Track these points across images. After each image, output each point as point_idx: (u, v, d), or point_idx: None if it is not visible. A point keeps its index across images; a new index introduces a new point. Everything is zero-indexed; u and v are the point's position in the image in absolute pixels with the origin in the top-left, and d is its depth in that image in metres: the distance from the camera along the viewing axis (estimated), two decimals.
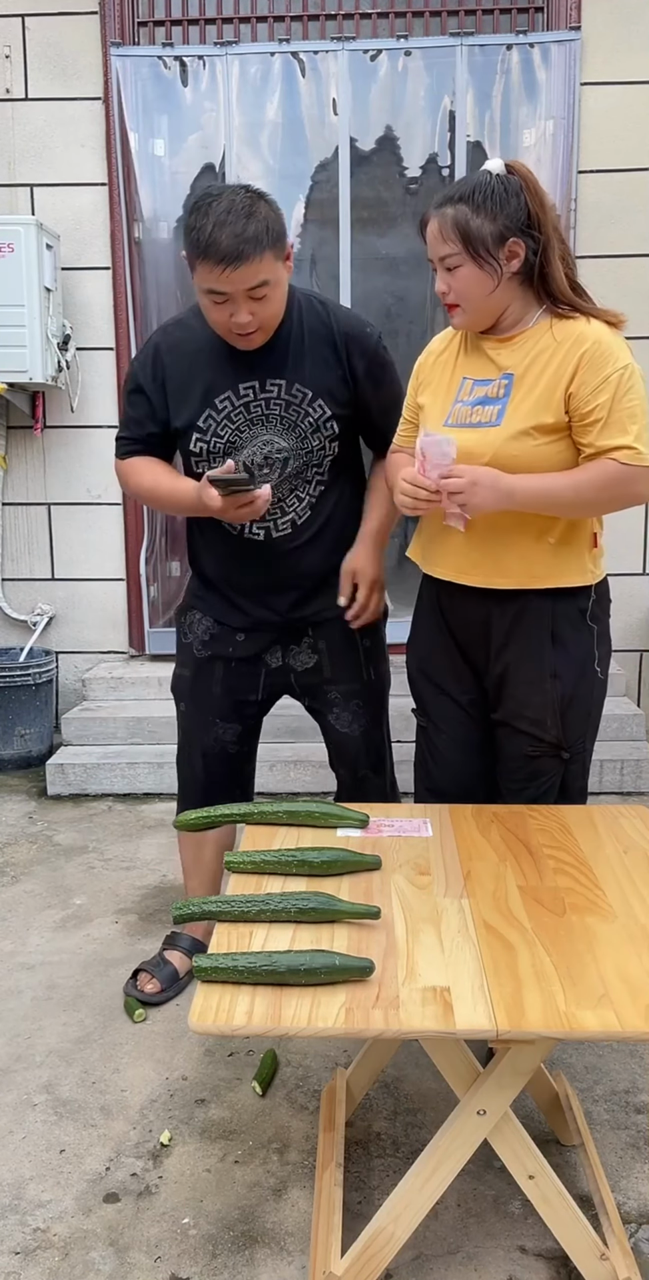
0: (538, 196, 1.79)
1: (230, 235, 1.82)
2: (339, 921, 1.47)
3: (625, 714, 3.72)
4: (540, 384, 1.79)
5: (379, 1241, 1.44)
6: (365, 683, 2.26)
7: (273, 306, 1.94)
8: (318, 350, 2.05)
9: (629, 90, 3.84)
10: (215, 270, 1.85)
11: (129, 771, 3.68)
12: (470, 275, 1.78)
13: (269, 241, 1.86)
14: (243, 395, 2.04)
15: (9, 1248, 1.65)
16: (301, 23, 3.97)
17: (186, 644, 2.30)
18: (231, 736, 2.30)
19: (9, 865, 3.11)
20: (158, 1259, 1.63)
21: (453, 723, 2.04)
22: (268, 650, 2.24)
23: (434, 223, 1.79)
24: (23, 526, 4.22)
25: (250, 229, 1.83)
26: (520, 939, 1.42)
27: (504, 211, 1.76)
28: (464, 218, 1.76)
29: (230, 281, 1.85)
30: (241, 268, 1.83)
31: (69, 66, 3.94)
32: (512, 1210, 1.71)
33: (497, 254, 1.76)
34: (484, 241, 1.75)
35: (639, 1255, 1.61)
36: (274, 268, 1.89)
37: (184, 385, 2.07)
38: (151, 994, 2.33)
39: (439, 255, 1.80)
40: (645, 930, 1.45)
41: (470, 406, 1.86)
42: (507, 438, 1.79)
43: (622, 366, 1.76)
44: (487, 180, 1.77)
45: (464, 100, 3.84)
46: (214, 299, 1.90)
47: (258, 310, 1.91)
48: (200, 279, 1.89)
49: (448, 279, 1.81)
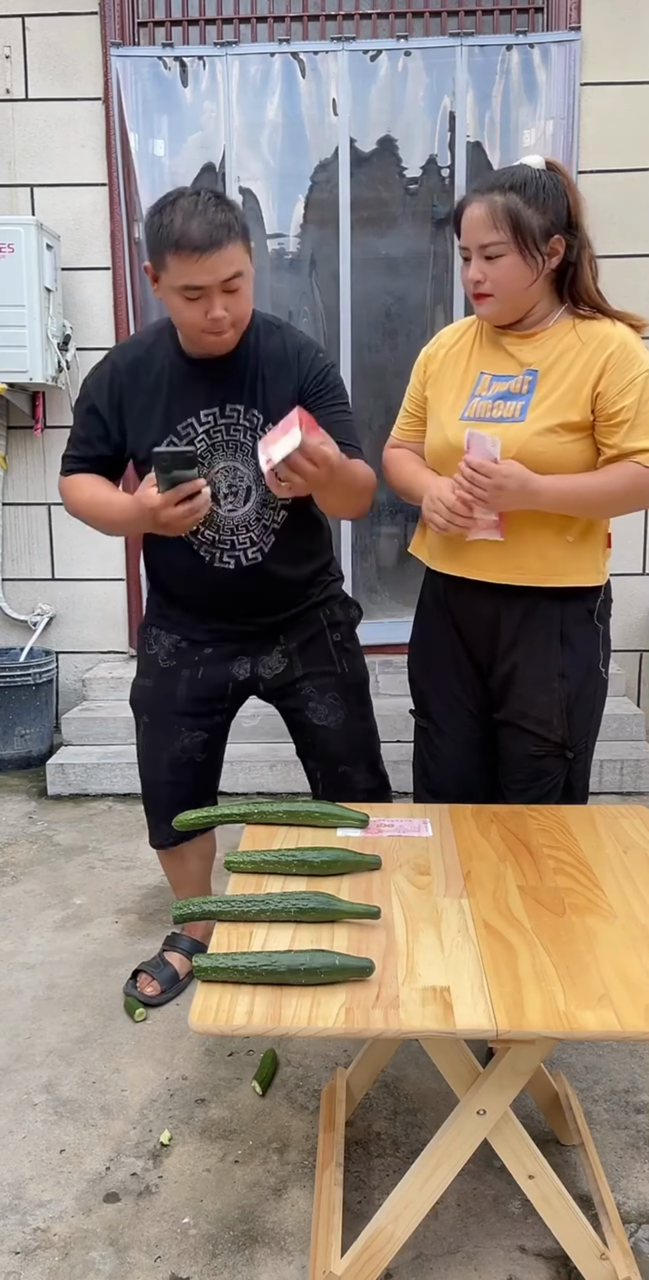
0: (577, 198, 1.81)
1: (202, 223, 1.78)
2: (339, 921, 1.47)
3: (625, 714, 3.72)
4: (566, 381, 1.79)
5: (379, 1241, 1.44)
6: (339, 675, 2.21)
7: (243, 303, 1.90)
8: (274, 372, 2.00)
9: (629, 90, 3.84)
10: (189, 260, 1.79)
11: (129, 771, 3.68)
12: (513, 266, 1.77)
13: (239, 230, 1.83)
14: (204, 421, 1.99)
15: (9, 1248, 1.65)
16: (302, 23, 3.97)
17: (151, 655, 2.24)
18: (198, 744, 2.25)
19: (9, 865, 3.11)
20: (158, 1259, 1.63)
21: (454, 723, 2.03)
22: (235, 661, 2.20)
23: (481, 208, 1.76)
24: (23, 526, 4.22)
25: (220, 217, 1.80)
26: (520, 939, 1.42)
27: (553, 207, 1.77)
28: (516, 207, 1.75)
29: (206, 270, 1.79)
30: (216, 254, 1.79)
31: (69, 66, 3.94)
32: (512, 1210, 1.71)
33: (542, 248, 1.77)
34: (533, 234, 1.75)
35: (639, 1255, 1.61)
36: (244, 259, 1.86)
37: (144, 409, 2.01)
38: (151, 996, 2.32)
39: (481, 242, 1.77)
40: (645, 930, 1.45)
41: (491, 401, 1.85)
42: (532, 434, 1.79)
43: (647, 369, 1.78)
44: (536, 175, 1.77)
45: (464, 100, 3.84)
46: (188, 295, 1.84)
47: (231, 305, 1.86)
48: (173, 276, 1.83)
49: (485, 268, 1.79)
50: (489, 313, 1.84)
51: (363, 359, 4.07)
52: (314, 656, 2.20)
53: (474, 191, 1.80)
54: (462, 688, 2.02)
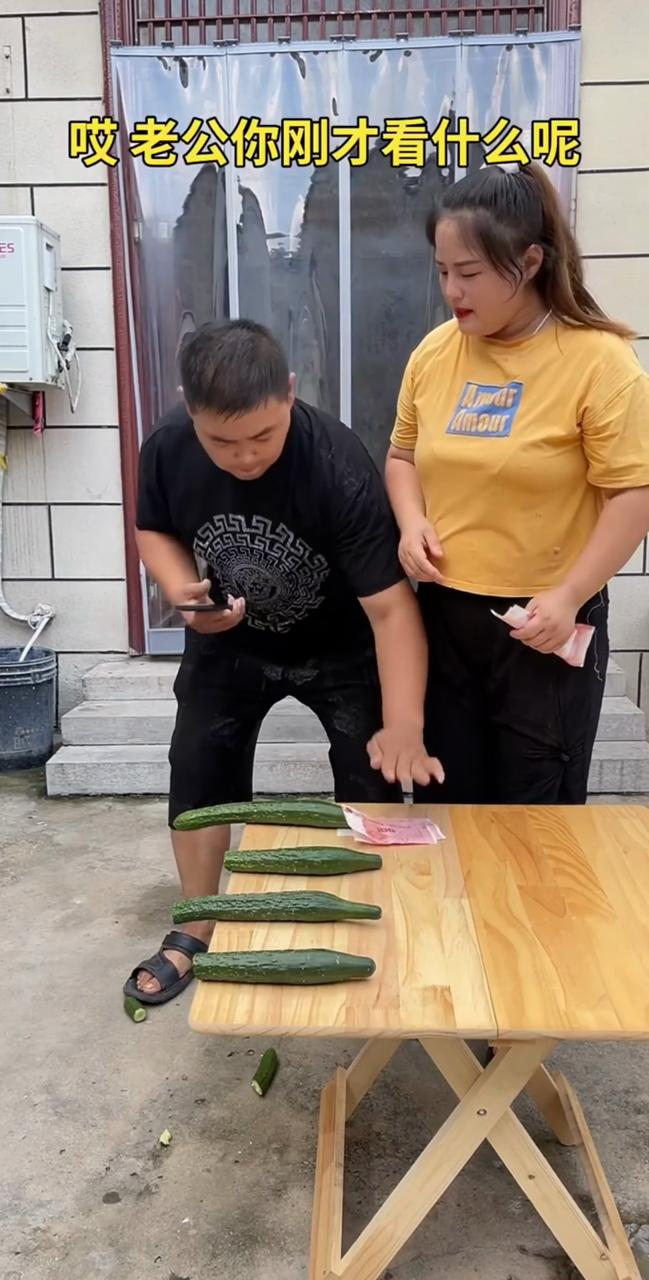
0: (553, 200, 1.72)
1: (234, 382, 1.71)
2: (339, 921, 1.47)
3: (625, 714, 3.72)
4: (550, 395, 1.76)
5: (379, 1241, 1.44)
6: (367, 687, 2.22)
7: (275, 446, 1.86)
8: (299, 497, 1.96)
9: (629, 90, 3.84)
10: (218, 418, 1.75)
11: (129, 771, 3.68)
12: (489, 282, 1.71)
13: (272, 386, 1.76)
14: (232, 524, 2.01)
15: (9, 1248, 1.65)
16: (302, 23, 3.97)
17: (193, 642, 2.32)
18: (229, 732, 2.31)
19: (9, 865, 3.11)
20: (158, 1259, 1.63)
21: (452, 725, 2.03)
22: (267, 665, 2.27)
23: (451, 226, 1.69)
24: (23, 526, 4.22)
25: (253, 375, 1.72)
26: (520, 939, 1.42)
27: (526, 217, 1.68)
28: (486, 223, 1.66)
29: (234, 429, 1.76)
30: (245, 415, 1.74)
31: (69, 66, 3.94)
32: (512, 1210, 1.71)
33: (518, 261, 1.70)
34: (507, 249, 1.68)
35: (639, 1255, 1.61)
36: (277, 411, 1.80)
37: (184, 497, 2.05)
38: (151, 993, 2.33)
39: (455, 260, 1.71)
40: (645, 930, 1.45)
41: (476, 414, 1.83)
42: (517, 449, 1.77)
43: (634, 380, 1.73)
44: (507, 183, 1.68)
45: (464, 100, 3.84)
46: (216, 444, 1.83)
47: (261, 450, 1.83)
48: (202, 424, 1.80)
49: (463, 284, 1.73)
50: (472, 328, 1.79)
51: (363, 359, 4.07)
52: (345, 673, 2.24)
53: (445, 205, 1.71)
54: (459, 691, 2.02)
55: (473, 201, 1.67)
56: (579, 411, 1.75)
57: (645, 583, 4.08)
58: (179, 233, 4.07)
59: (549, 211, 1.71)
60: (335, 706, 2.25)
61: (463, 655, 1.99)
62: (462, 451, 1.83)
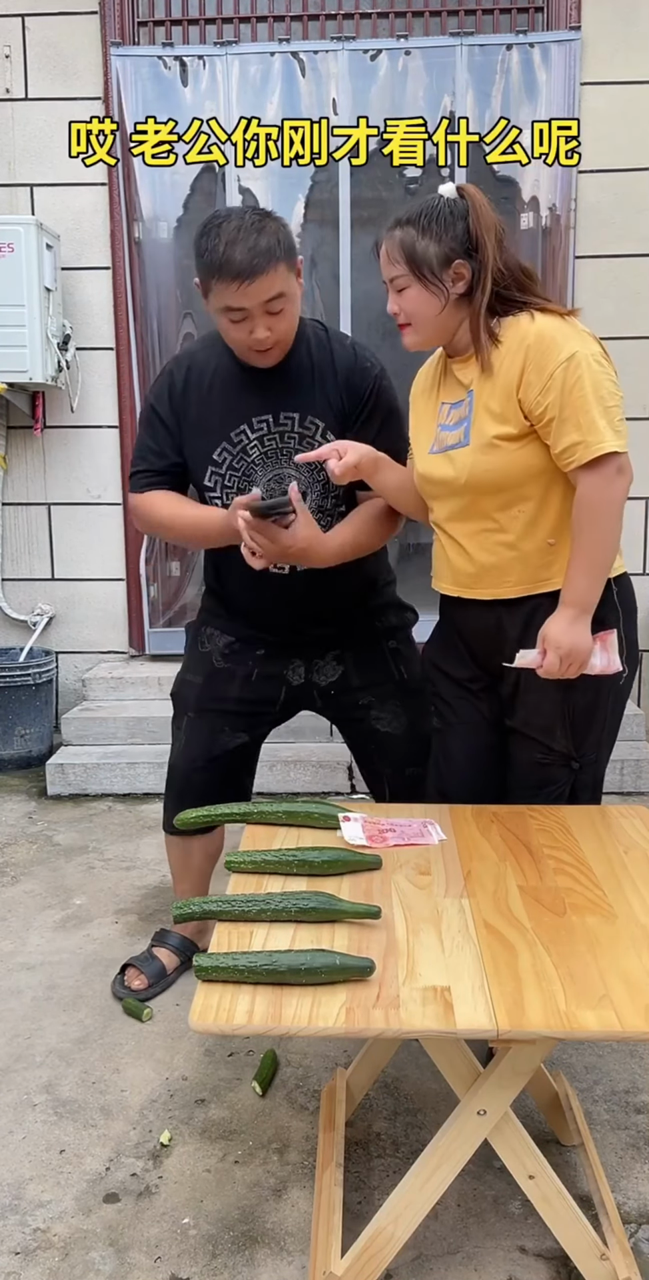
0: (485, 219, 1.78)
1: (244, 250, 1.82)
2: (340, 921, 1.47)
3: (626, 714, 3.69)
4: (496, 393, 1.77)
5: (379, 1241, 1.44)
6: (398, 682, 2.24)
7: (288, 321, 1.94)
8: (323, 380, 2.04)
9: (629, 90, 3.84)
10: (231, 286, 1.84)
11: (129, 771, 3.68)
12: (418, 296, 1.80)
13: (282, 254, 1.87)
14: (257, 428, 2.02)
15: (9, 1248, 1.65)
16: (302, 23, 3.97)
17: (203, 653, 2.26)
18: (236, 746, 2.27)
19: (9, 865, 3.11)
20: (158, 1259, 1.63)
21: (465, 727, 2.03)
22: (289, 666, 2.22)
23: (387, 244, 1.82)
24: (23, 526, 4.22)
25: (262, 242, 1.84)
26: (521, 939, 1.42)
27: (449, 234, 1.77)
28: (410, 240, 1.78)
29: (247, 296, 1.85)
30: (257, 280, 1.84)
31: (69, 66, 3.94)
32: (512, 1210, 1.71)
33: (442, 276, 1.78)
34: (429, 263, 1.77)
35: (639, 1255, 1.61)
36: (288, 280, 1.90)
37: (199, 418, 2.05)
38: (138, 990, 2.33)
39: (388, 276, 1.83)
40: (646, 930, 1.45)
41: (450, 431, 1.86)
42: (477, 454, 1.79)
43: (565, 359, 1.71)
44: (434, 203, 1.79)
45: (464, 100, 3.84)
46: (231, 317, 1.89)
47: (275, 325, 1.91)
48: (216, 299, 1.89)
49: (397, 299, 1.83)
50: (411, 342, 1.86)
51: None
52: (371, 667, 2.23)
53: (386, 229, 1.83)
54: (477, 696, 2.02)
55: (402, 221, 1.80)
56: (518, 403, 1.75)
57: (645, 583, 4.08)
58: (179, 233, 4.07)
59: (476, 229, 1.77)
60: (369, 708, 2.23)
61: (478, 661, 1.99)
62: (437, 469, 1.87)
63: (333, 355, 2.06)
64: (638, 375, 3.92)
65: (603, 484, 1.73)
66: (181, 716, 2.31)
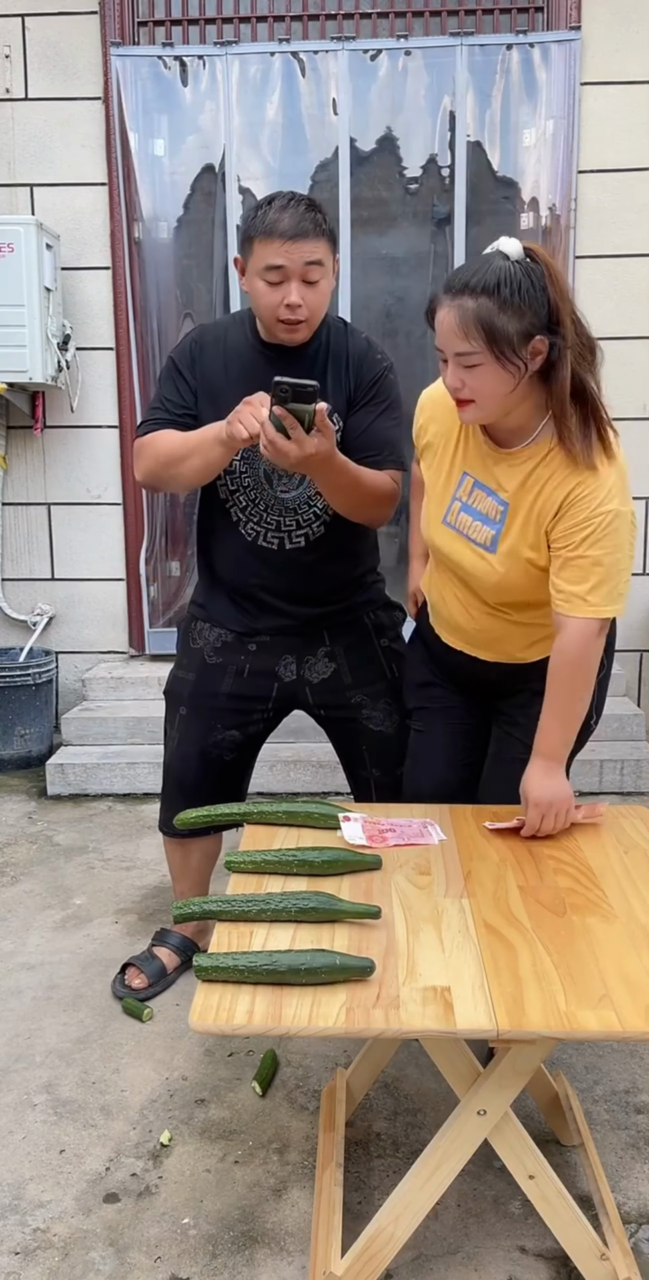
0: (560, 287, 1.61)
1: (293, 215, 1.93)
2: (340, 921, 1.47)
3: (625, 714, 3.72)
4: (532, 520, 1.71)
5: (379, 1241, 1.44)
6: (390, 681, 2.24)
7: (319, 298, 2.00)
8: (336, 371, 2.08)
9: (629, 90, 3.84)
10: (275, 243, 1.92)
11: (129, 771, 3.68)
12: (492, 374, 1.61)
13: (326, 232, 1.98)
14: None
15: (9, 1248, 1.65)
16: (302, 23, 3.97)
17: (195, 649, 2.26)
18: (229, 744, 2.26)
19: (9, 865, 3.11)
20: (158, 1259, 1.63)
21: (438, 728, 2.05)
22: (281, 662, 2.22)
23: (451, 315, 1.59)
24: (23, 526, 4.22)
25: (310, 215, 1.95)
26: (521, 939, 1.42)
27: (531, 307, 1.58)
28: (489, 315, 1.56)
29: (289, 254, 1.92)
30: (301, 242, 1.92)
31: (69, 66, 3.94)
32: (512, 1210, 1.71)
33: (521, 353, 1.59)
34: (510, 341, 1.57)
35: (639, 1255, 1.61)
36: (327, 255, 1.98)
37: (215, 389, 2.09)
38: (138, 989, 2.33)
39: (455, 351, 1.62)
40: (645, 930, 1.45)
41: (471, 517, 1.79)
42: (505, 570, 1.76)
43: (607, 511, 1.63)
44: (511, 271, 1.58)
45: (464, 100, 3.84)
46: (269, 278, 1.95)
47: (307, 296, 1.97)
48: (257, 259, 1.96)
49: (463, 375, 1.63)
50: (472, 418, 1.70)
51: None
52: (363, 666, 2.24)
53: (446, 292, 1.62)
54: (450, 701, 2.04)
55: (475, 290, 1.57)
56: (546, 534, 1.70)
57: (645, 583, 4.08)
58: (179, 233, 4.07)
59: (555, 300, 1.59)
60: (361, 706, 2.23)
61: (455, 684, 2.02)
62: (455, 551, 1.82)
63: (348, 342, 2.11)
64: (638, 375, 3.93)
65: (589, 638, 1.70)
66: (175, 713, 2.31)
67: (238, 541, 2.15)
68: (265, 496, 2.10)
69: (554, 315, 1.60)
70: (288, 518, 2.11)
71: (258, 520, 2.12)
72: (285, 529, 2.12)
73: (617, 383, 3.93)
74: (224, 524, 2.16)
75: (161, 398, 2.14)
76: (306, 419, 1.77)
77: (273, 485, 2.10)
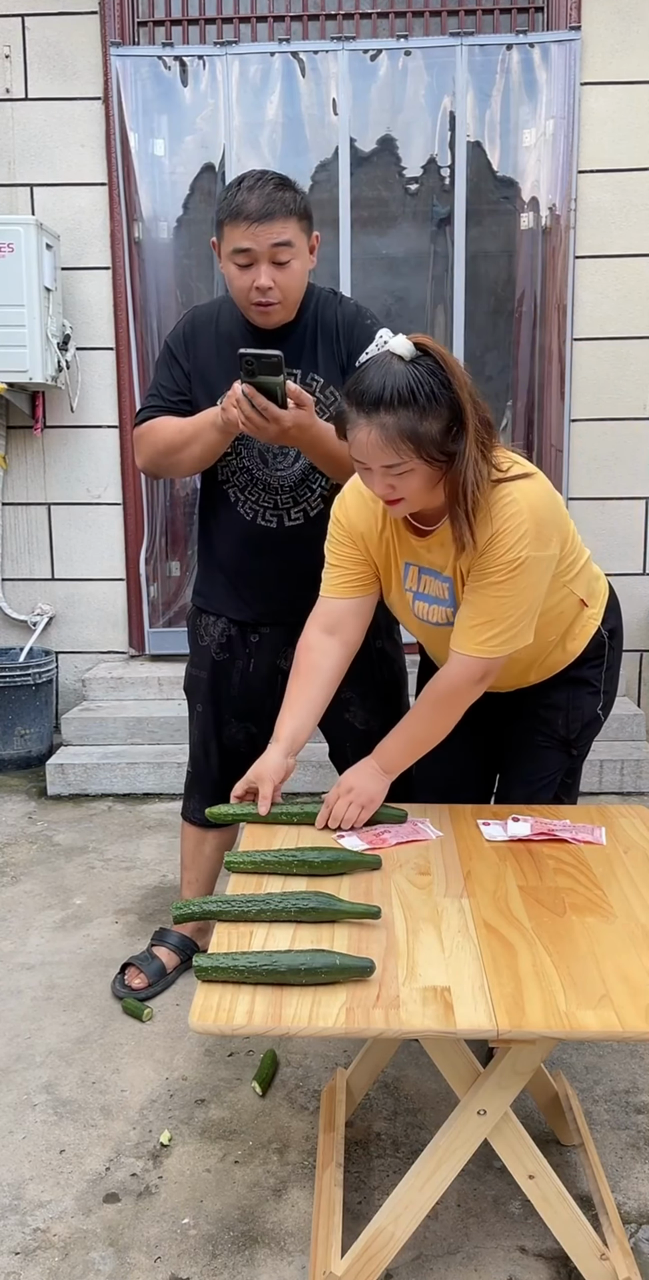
0: (457, 374, 1.59)
1: (260, 196, 1.91)
2: (339, 921, 1.47)
3: (625, 714, 3.72)
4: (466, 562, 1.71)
5: (379, 1241, 1.44)
6: (379, 683, 2.25)
7: (294, 278, 1.98)
8: (328, 341, 2.09)
9: (629, 90, 3.84)
10: (241, 226, 1.91)
11: (129, 771, 3.68)
12: (421, 475, 1.60)
13: (296, 210, 1.94)
14: None
15: (9, 1248, 1.65)
16: (302, 23, 3.97)
17: (203, 646, 2.31)
18: (244, 736, 2.32)
19: (9, 865, 3.11)
20: (158, 1259, 1.63)
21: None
22: (282, 654, 2.24)
23: (374, 434, 1.56)
24: (23, 526, 4.22)
25: (278, 194, 1.92)
26: (521, 939, 1.42)
27: (445, 404, 1.57)
28: (412, 426, 1.55)
29: (256, 237, 1.91)
30: (267, 223, 1.90)
31: (69, 66, 3.94)
32: (512, 1210, 1.71)
33: (446, 448, 1.59)
34: (435, 442, 1.57)
35: (639, 1255, 1.61)
36: (298, 235, 1.95)
37: (207, 371, 2.10)
38: (138, 989, 2.33)
39: (384, 464, 1.59)
40: (645, 930, 1.45)
41: (427, 603, 1.82)
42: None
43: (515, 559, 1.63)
44: (418, 376, 1.55)
45: (464, 100, 3.84)
46: (238, 261, 1.95)
47: (279, 277, 1.95)
48: (227, 243, 1.95)
49: (393, 481, 1.61)
50: (403, 512, 1.69)
51: None
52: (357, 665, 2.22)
53: (357, 410, 1.57)
54: None
55: (391, 404, 1.54)
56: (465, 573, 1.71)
57: (645, 583, 4.08)
58: (179, 233, 4.07)
59: (456, 389, 1.58)
60: (349, 703, 2.24)
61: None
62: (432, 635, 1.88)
63: (338, 311, 2.11)
64: (638, 375, 3.93)
65: (469, 679, 1.73)
66: (193, 709, 2.38)
67: (237, 522, 2.17)
68: (262, 476, 2.12)
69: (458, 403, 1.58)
70: (284, 495, 2.14)
71: (256, 500, 2.15)
72: (283, 506, 2.15)
73: (617, 383, 3.97)
74: (223, 505, 2.18)
75: (158, 384, 2.17)
76: (278, 391, 1.81)
77: (269, 464, 2.11)
